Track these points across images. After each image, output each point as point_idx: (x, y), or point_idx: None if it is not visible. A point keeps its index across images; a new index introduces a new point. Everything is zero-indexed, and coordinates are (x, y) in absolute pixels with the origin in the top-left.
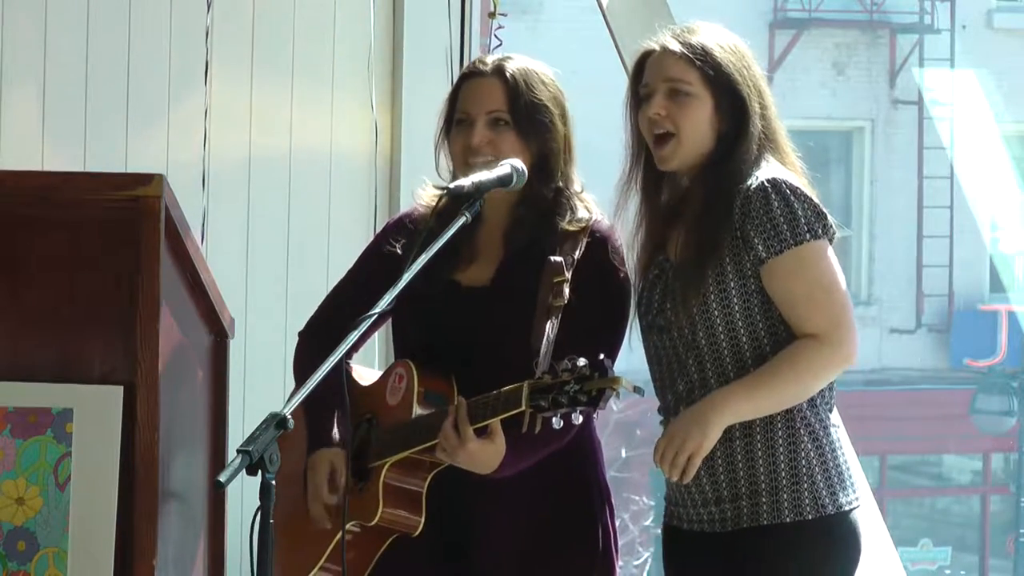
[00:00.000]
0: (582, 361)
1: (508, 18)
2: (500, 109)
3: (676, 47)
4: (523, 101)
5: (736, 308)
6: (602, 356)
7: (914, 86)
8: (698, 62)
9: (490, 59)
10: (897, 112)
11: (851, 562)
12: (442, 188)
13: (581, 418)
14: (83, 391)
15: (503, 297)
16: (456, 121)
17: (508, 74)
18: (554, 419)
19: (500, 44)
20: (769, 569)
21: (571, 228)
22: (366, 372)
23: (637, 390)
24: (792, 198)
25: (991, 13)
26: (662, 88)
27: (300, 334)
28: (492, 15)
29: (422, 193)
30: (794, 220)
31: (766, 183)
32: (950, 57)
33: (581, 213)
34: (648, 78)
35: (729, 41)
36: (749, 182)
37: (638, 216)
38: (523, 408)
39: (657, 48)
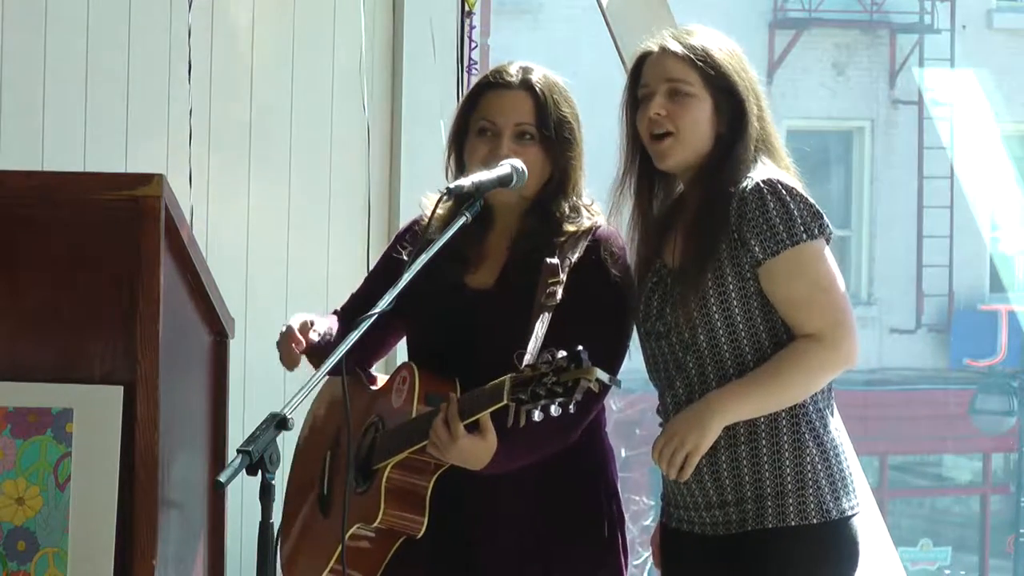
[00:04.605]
0: (561, 353)
1: (508, 18)
2: (528, 122)
3: (677, 48)
4: (551, 117)
5: (736, 310)
6: (580, 348)
7: (914, 86)
8: (699, 63)
9: (513, 69)
10: (897, 112)
11: (852, 568)
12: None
13: (560, 410)
14: (83, 391)
15: (505, 299)
16: (479, 130)
17: (538, 89)
18: (535, 412)
19: (476, 47)
20: (772, 571)
21: (573, 230)
22: (383, 378)
23: (613, 381)
24: (788, 198)
25: (991, 13)
26: (663, 88)
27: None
28: (468, 14)
29: (426, 203)
30: (790, 220)
31: (761, 184)
32: (950, 57)
33: (586, 220)
34: (648, 79)
35: (727, 44)
36: (744, 184)
37: (631, 220)
38: (504, 402)
39: (655, 49)
